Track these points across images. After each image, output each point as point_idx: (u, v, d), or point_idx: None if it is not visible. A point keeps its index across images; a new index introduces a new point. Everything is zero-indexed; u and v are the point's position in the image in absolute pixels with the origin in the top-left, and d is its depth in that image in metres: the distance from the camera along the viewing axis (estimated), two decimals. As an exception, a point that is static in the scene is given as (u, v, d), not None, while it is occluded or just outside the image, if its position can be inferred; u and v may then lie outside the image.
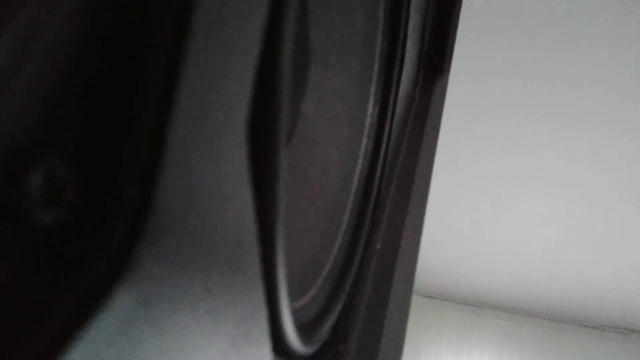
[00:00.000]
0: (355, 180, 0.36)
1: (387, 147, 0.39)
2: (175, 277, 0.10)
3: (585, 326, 2.03)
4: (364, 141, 0.36)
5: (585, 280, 1.81)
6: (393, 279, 0.37)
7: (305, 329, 0.24)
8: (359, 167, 0.36)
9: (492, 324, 2.02)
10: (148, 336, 0.09)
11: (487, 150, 1.41)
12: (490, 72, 1.24)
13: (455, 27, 0.54)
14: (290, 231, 0.27)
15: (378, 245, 0.39)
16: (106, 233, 0.08)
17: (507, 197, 1.55)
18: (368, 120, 0.37)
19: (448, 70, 0.56)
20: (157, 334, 0.09)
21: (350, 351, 0.31)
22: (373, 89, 0.37)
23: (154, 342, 0.10)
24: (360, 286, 0.34)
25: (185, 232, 0.10)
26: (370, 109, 0.37)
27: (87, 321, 0.07)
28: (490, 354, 1.94)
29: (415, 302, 1.98)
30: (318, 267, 0.29)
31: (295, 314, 0.23)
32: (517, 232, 1.68)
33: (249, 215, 0.13)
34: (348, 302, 0.31)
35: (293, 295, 0.24)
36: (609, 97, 1.22)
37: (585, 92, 1.23)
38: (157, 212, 0.09)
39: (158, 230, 0.09)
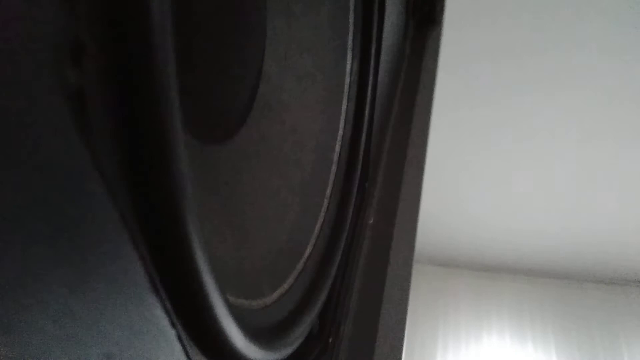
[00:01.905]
0: (337, 149, 0.31)
1: (372, 108, 0.34)
2: None
3: (606, 283, 1.98)
4: (345, 102, 0.32)
5: (604, 234, 1.76)
6: (389, 256, 0.33)
7: (274, 329, 0.19)
8: (340, 132, 0.31)
9: (509, 288, 1.99)
10: None
11: (493, 97, 1.35)
12: (488, 19, 1.17)
13: (445, -30, 0.48)
14: (253, 213, 0.22)
15: (371, 220, 0.35)
16: None
17: (517, 149, 1.49)
18: (347, 78, 0.32)
19: (441, 21, 0.51)
20: None
21: (342, 344, 0.27)
22: (350, 41, 0.32)
23: None
24: (351, 269, 0.29)
25: None
26: (349, 65, 0.32)
27: None
28: (510, 319, 1.91)
29: (429, 271, 1.95)
30: (294, 253, 0.24)
31: (256, 313, 0.18)
32: (530, 186, 1.62)
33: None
34: (336, 289, 0.27)
35: (255, 292, 0.19)
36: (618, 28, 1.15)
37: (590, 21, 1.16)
38: None
39: None
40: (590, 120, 1.35)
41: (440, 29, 0.50)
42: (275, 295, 0.21)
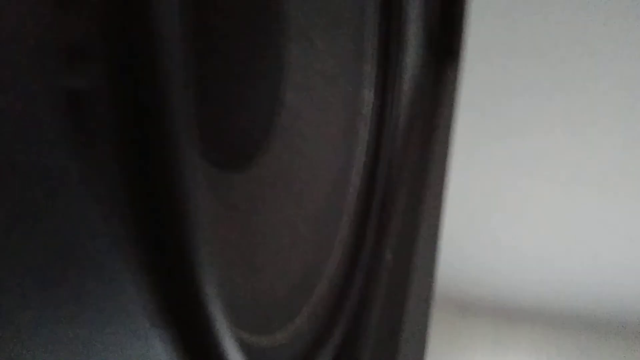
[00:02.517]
0: (354, 180, 0.30)
1: (391, 140, 0.33)
2: None
3: (631, 332, 1.90)
4: (363, 133, 0.31)
5: (631, 283, 1.69)
6: (408, 293, 0.31)
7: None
8: (358, 163, 0.30)
9: (528, 335, 1.91)
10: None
11: (518, 131, 1.33)
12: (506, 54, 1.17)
13: (465, 5, 0.48)
14: (266, 244, 0.21)
15: (389, 256, 0.33)
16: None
17: (539, 194, 1.46)
18: (366, 109, 0.31)
19: (461, 54, 0.50)
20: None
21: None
22: (370, 73, 0.32)
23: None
24: (368, 308, 0.28)
25: None
26: (369, 96, 0.31)
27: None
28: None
29: (442, 316, 1.89)
30: (307, 289, 0.23)
31: (265, 351, 0.17)
32: (550, 232, 1.58)
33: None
34: (350, 328, 0.25)
35: (264, 328, 0.18)
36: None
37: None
38: None
39: None
40: (617, 161, 1.33)
41: (460, 63, 0.50)
42: (286, 332, 0.19)
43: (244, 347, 0.13)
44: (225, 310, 0.12)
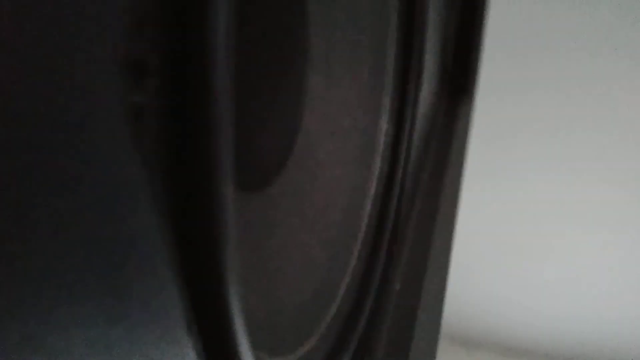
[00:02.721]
0: (367, 208, 0.30)
1: (405, 170, 0.33)
2: None
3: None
4: (378, 162, 0.31)
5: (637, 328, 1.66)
6: (415, 326, 0.31)
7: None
8: (372, 191, 0.31)
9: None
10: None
11: (521, 178, 1.33)
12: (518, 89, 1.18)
13: (480, 45, 0.49)
14: (281, 266, 0.22)
15: (397, 286, 0.33)
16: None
17: (549, 230, 1.45)
18: (382, 139, 0.32)
19: (473, 93, 0.51)
20: None
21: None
22: (387, 103, 0.32)
23: None
24: (375, 338, 0.28)
25: None
26: (384, 126, 0.32)
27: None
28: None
29: (446, 351, 1.85)
30: (318, 313, 0.23)
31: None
32: (562, 270, 1.56)
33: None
34: (358, 358, 0.25)
35: (277, 349, 0.18)
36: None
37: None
38: None
39: None
40: (622, 205, 1.32)
41: (473, 100, 0.51)
42: (297, 356, 0.20)
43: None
44: (248, 332, 0.12)
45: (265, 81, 0.24)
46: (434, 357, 0.32)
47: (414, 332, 0.30)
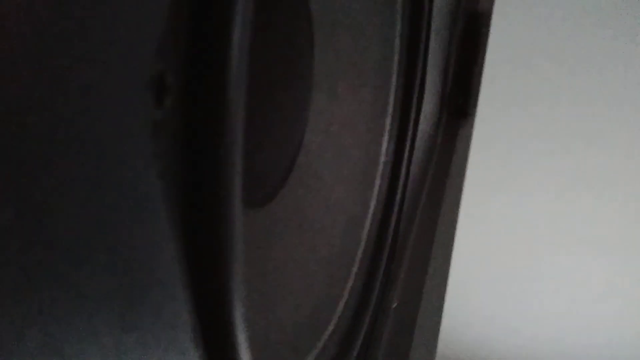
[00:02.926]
0: (367, 226, 0.30)
1: (404, 190, 0.34)
2: None
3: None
4: (378, 181, 0.32)
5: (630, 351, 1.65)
6: (412, 344, 0.31)
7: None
8: (371, 210, 0.31)
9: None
10: None
11: (522, 196, 1.34)
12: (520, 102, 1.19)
13: (481, 68, 0.50)
14: (279, 281, 0.22)
15: (394, 304, 0.33)
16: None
17: (544, 253, 1.45)
18: (382, 158, 0.32)
19: (473, 115, 0.52)
20: None
21: None
22: (388, 123, 0.33)
23: None
24: (371, 356, 0.28)
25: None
26: (385, 146, 0.33)
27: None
28: None
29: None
30: (316, 329, 0.23)
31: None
32: (558, 295, 1.56)
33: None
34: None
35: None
36: None
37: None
38: None
39: None
40: (620, 226, 1.33)
41: (473, 122, 0.52)
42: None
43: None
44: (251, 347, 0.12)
45: (268, 98, 0.25)
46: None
47: (410, 351, 0.30)
